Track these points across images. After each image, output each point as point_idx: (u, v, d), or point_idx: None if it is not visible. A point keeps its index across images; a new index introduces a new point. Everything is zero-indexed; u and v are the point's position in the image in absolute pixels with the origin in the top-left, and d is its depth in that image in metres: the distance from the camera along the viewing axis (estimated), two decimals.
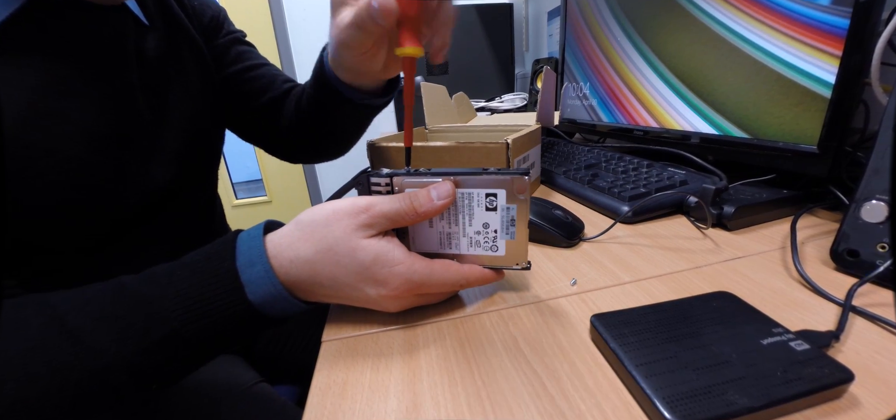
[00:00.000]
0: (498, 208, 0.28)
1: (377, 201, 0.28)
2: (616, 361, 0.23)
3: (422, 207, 0.28)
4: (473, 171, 0.28)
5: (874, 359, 0.23)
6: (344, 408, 0.23)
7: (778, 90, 0.44)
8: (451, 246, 0.31)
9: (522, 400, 0.23)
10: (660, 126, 0.61)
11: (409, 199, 0.28)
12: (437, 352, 0.27)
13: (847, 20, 0.36)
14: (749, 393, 0.20)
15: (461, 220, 0.30)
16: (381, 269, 0.28)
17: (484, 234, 0.30)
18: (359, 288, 0.28)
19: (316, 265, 0.28)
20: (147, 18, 0.43)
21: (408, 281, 0.28)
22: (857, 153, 0.42)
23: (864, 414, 0.20)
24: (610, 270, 0.35)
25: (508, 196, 0.28)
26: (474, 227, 0.30)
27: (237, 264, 0.27)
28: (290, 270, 0.28)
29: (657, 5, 0.58)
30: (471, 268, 0.30)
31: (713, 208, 0.41)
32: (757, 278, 0.32)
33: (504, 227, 0.29)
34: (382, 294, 0.28)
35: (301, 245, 0.28)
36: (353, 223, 0.28)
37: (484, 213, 0.29)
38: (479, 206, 0.29)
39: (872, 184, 0.30)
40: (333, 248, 0.27)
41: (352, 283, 0.28)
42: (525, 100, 1.75)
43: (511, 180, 0.27)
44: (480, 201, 0.29)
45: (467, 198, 0.29)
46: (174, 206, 0.46)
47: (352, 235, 0.27)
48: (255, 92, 0.57)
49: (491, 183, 0.28)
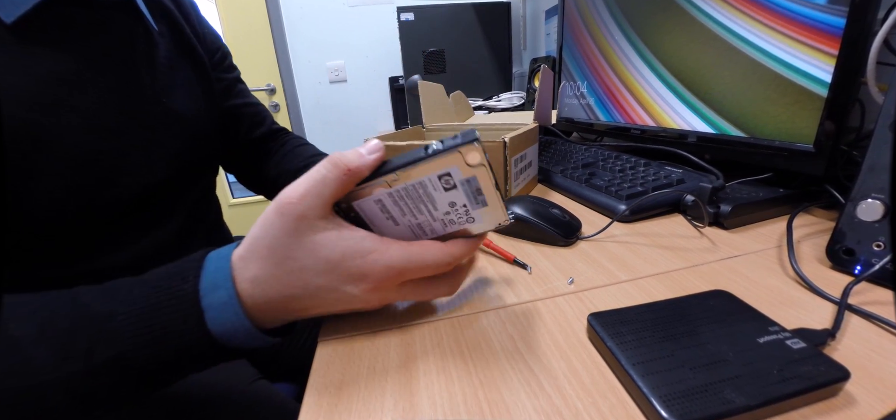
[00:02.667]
0: (457, 185, 0.25)
1: (296, 188, 0.25)
2: (613, 360, 0.23)
3: (352, 163, 0.24)
4: (416, 155, 0.24)
5: (870, 356, 0.23)
6: (340, 408, 0.23)
7: (774, 89, 0.44)
8: (425, 235, 0.28)
9: (519, 399, 0.22)
10: (657, 125, 0.61)
11: (332, 163, 0.25)
12: (433, 351, 0.27)
13: (843, 19, 0.37)
14: (745, 391, 0.20)
15: (425, 208, 0.26)
16: (354, 261, 0.25)
17: (454, 211, 0.26)
18: (337, 289, 0.26)
19: (281, 278, 0.25)
20: (156, 25, 0.46)
21: (387, 267, 0.25)
22: (852, 152, 0.42)
23: (860, 412, 0.20)
24: (607, 269, 0.35)
25: (463, 169, 0.24)
26: (441, 209, 0.26)
27: (199, 286, 0.25)
28: (253, 293, 0.25)
29: (654, 4, 0.58)
30: (453, 243, 0.27)
31: (710, 207, 0.41)
32: (753, 277, 0.32)
33: (471, 198, 0.25)
34: (365, 288, 0.26)
35: (257, 264, 0.25)
36: (287, 222, 0.24)
37: (444, 193, 0.25)
38: (436, 190, 0.25)
39: (868, 182, 0.30)
40: (288, 256, 0.25)
41: (328, 285, 0.25)
42: (522, 98, 1.75)
43: (460, 153, 0.23)
44: (436, 185, 0.25)
45: (421, 186, 0.25)
46: (173, 204, 0.47)
47: (297, 236, 0.24)
48: (252, 125, 0.62)
49: (440, 163, 0.24)
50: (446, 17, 2.00)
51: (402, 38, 2.00)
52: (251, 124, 0.62)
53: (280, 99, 2.33)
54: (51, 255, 0.38)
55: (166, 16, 0.49)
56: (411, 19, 1.97)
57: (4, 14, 0.33)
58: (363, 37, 2.34)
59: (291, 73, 2.32)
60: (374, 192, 0.26)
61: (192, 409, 0.44)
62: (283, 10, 2.19)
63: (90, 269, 0.39)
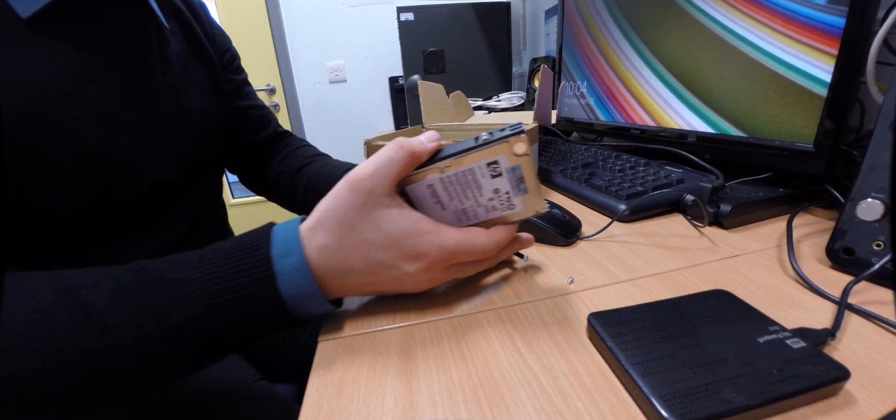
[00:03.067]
0: (503, 173, 0.27)
1: (367, 165, 0.27)
2: (613, 360, 0.23)
3: (416, 147, 0.28)
4: (467, 144, 0.27)
5: (870, 356, 0.23)
6: (341, 407, 0.23)
7: (774, 89, 0.44)
8: (468, 219, 0.30)
9: (519, 398, 0.22)
10: (657, 125, 0.61)
11: (398, 145, 0.27)
12: (434, 351, 0.27)
13: (843, 19, 0.37)
14: (746, 391, 0.20)
15: (471, 194, 0.29)
16: (412, 239, 0.27)
17: (497, 197, 0.29)
18: (395, 266, 0.28)
19: (345, 249, 0.27)
20: (167, 23, 0.47)
21: (441, 248, 0.28)
22: (852, 152, 0.42)
23: (860, 411, 0.20)
24: (607, 269, 0.35)
25: (509, 158, 0.27)
26: (486, 195, 0.29)
27: (271, 253, 0.26)
28: (319, 260, 0.27)
29: (654, 4, 0.58)
30: (496, 229, 0.30)
31: (710, 207, 0.41)
32: (753, 276, 0.32)
33: (514, 186, 0.28)
34: (419, 267, 0.28)
35: (324, 235, 0.27)
36: (357, 197, 0.27)
37: (491, 180, 0.28)
38: (484, 177, 0.28)
39: (868, 182, 0.30)
40: (355, 228, 0.27)
41: (386, 261, 0.28)
42: (522, 98, 1.75)
43: (508, 144, 0.26)
44: (484, 172, 0.28)
45: (470, 173, 0.28)
46: (180, 202, 0.48)
47: (365, 210, 0.27)
48: (258, 127, 0.63)
49: (489, 152, 0.27)
50: (446, 17, 2.00)
51: (402, 38, 2.00)
52: (257, 126, 0.63)
53: (280, 99, 2.33)
54: (57, 248, 0.38)
55: (177, 15, 0.50)
56: (411, 19, 1.97)
57: (21, 8, 0.33)
58: (363, 37, 2.34)
59: (291, 73, 2.32)
60: (428, 177, 0.29)
61: (194, 410, 0.44)
62: (283, 10, 2.19)
63: (95, 264, 0.40)
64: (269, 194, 0.67)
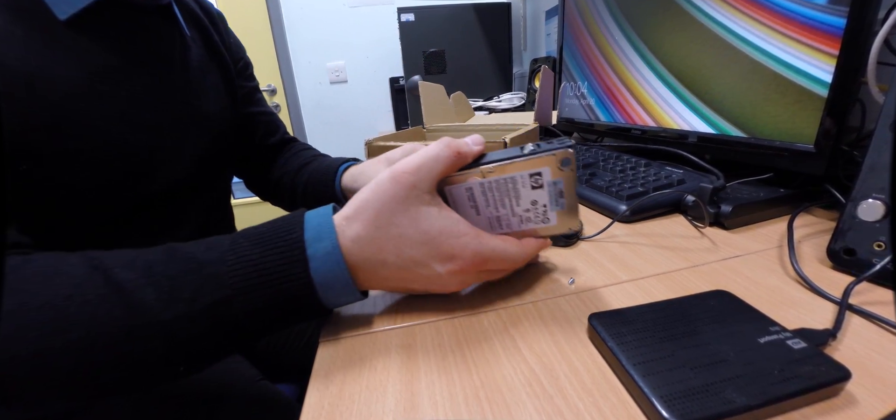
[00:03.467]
0: (545, 185, 0.27)
1: (413, 160, 0.27)
2: (614, 360, 0.23)
3: (462, 147, 0.28)
4: (513, 153, 0.27)
5: (871, 357, 0.23)
6: (342, 408, 0.23)
7: (775, 89, 0.44)
8: (501, 227, 0.30)
9: (520, 399, 0.22)
10: (657, 125, 0.61)
11: (444, 144, 0.28)
12: (434, 351, 0.27)
13: (843, 19, 0.37)
14: (746, 391, 0.20)
15: (508, 202, 0.29)
16: (449, 239, 0.27)
17: (534, 209, 0.29)
18: (427, 264, 0.28)
19: (380, 240, 0.27)
20: (188, 31, 0.50)
21: (476, 253, 0.28)
22: (853, 152, 0.42)
23: (861, 412, 0.20)
24: (608, 269, 0.35)
25: (553, 171, 0.27)
26: (523, 206, 0.29)
27: (304, 237, 0.26)
28: (352, 249, 0.27)
29: (655, 4, 0.58)
30: (529, 241, 0.30)
31: (711, 207, 0.41)
32: (754, 277, 0.32)
33: (553, 200, 0.28)
34: (451, 269, 0.28)
35: (360, 225, 0.27)
36: (399, 189, 0.27)
37: (531, 191, 0.28)
38: (524, 187, 0.28)
39: (869, 182, 0.30)
40: (392, 221, 0.27)
41: (419, 258, 0.27)
42: (523, 99, 1.75)
43: (555, 157, 0.26)
44: (525, 182, 0.28)
45: (511, 181, 0.28)
46: (192, 200, 0.50)
47: (406, 203, 0.27)
48: (267, 133, 0.65)
49: (535, 163, 0.27)
50: (446, 17, 2.00)
51: (403, 38, 2.00)
52: (266, 132, 0.65)
53: (280, 99, 2.33)
54: (74, 241, 0.39)
55: (197, 22, 0.53)
56: (411, 20, 1.97)
57: (59, 11, 0.36)
58: (363, 37, 2.34)
59: (292, 73, 2.32)
60: (469, 179, 0.29)
61: (195, 410, 0.44)
62: (283, 10, 2.20)
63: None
64: (272, 196, 0.68)
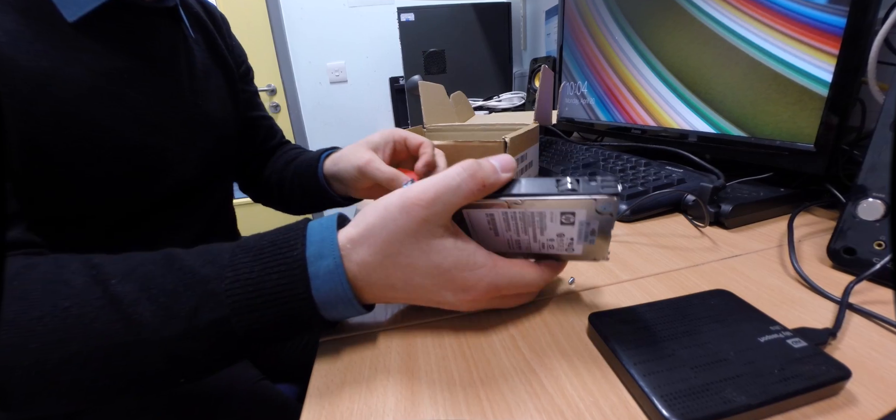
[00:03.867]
0: (576, 223, 0.25)
1: (434, 188, 0.25)
2: (614, 360, 0.23)
3: (488, 179, 0.25)
4: (548, 188, 0.24)
5: (871, 356, 0.23)
6: (342, 407, 0.23)
7: (775, 89, 0.44)
8: (519, 250, 0.28)
9: (520, 398, 0.23)
10: (657, 125, 0.61)
11: (469, 174, 0.24)
12: (435, 351, 0.27)
13: (844, 19, 0.37)
14: (747, 390, 0.20)
15: (532, 231, 0.26)
16: (463, 273, 0.26)
17: (558, 240, 0.26)
18: (437, 292, 0.26)
19: (387, 268, 0.25)
20: (193, 33, 0.50)
21: (492, 285, 0.26)
22: (853, 151, 0.42)
23: (861, 411, 0.20)
24: (608, 269, 0.35)
25: (590, 214, 0.24)
26: (548, 236, 0.26)
27: (306, 254, 0.25)
28: (358, 274, 0.25)
29: (655, 4, 0.58)
30: (548, 266, 0.28)
31: (711, 206, 0.41)
32: (754, 276, 0.32)
33: (583, 236, 0.26)
34: (463, 299, 0.26)
35: (367, 250, 0.25)
36: (410, 223, 0.25)
37: (559, 226, 0.25)
38: (552, 222, 0.25)
39: (869, 181, 0.30)
40: (403, 251, 0.25)
41: (429, 287, 0.26)
42: (523, 98, 1.75)
43: (595, 202, 0.23)
44: (555, 217, 0.25)
45: (539, 216, 0.25)
46: (197, 199, 0.50)
47: (417, 238, 0.25)
48: (266, 137, 0.66)
49: (570, 204, 0.24)
50: (446, 17, 2.01)
51: (403, 38, 2.00)
52: (266, 136, 0.66)
53: (280, 99, 2.33)
54: (80, 241, 0.40)
55: (201, 25, 0.54)
56: (411, 20, 1.97)
57: (68, 13, 0.36)
58: (363, 37, 2.34)
59: (292, 73, 2.32)
60: (492, 208, 0.26)
61: (195, 410, 0.44)
62: (283, 10, 2.20)
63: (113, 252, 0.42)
64: (264, 196, 0.69)
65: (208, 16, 0.56)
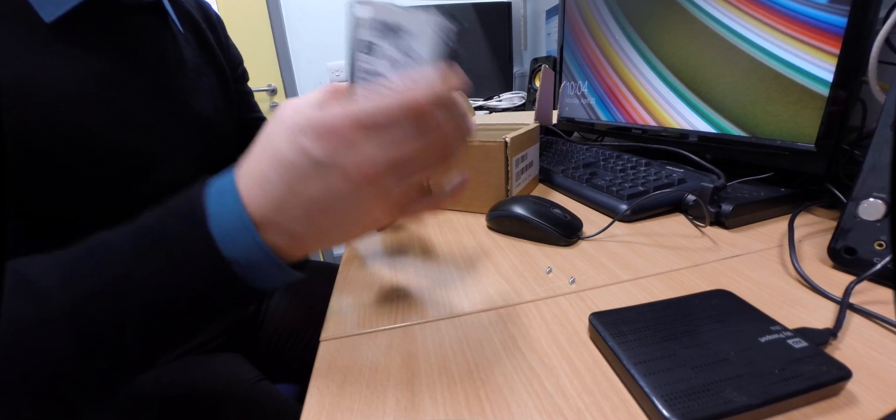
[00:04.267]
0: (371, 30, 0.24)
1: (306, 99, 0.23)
2: (615, 360, 0.23)
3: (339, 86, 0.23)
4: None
5: (871, 356, 0.23)
6: (342, 407, 0.23)
7: (776, 88, 0.44)
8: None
9: (521, 398, 0.23)
10: (658, 124, 0.61)
11: (322, 88, 0.23)
12: (435, 351, 0.27)
13: (845, 18, 0.37)
14: (747, 391, 0.20)
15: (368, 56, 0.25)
16: (318, 125, 0.21)
17: (395, 64, 0.25)
18: (322, 174, 0.21)
19: (274, 175, 0.22)
20: (182, 29, 0.49)
21: (349, 116, 0.21)
22: (854, 151, 0.42)
23: (862, 411, 0.20)
24: (608, 269, 0.35)
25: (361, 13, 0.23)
26: (385, 64, 0.25)
27: (205, 192, 0.23)
28: (261, 201, 0.22)
29: (655, 3, 0.58)
30: (407, 76, 0.24)
31: (711, 206, 0.41)
32: (755, 276, 0.32)
33: (400, 51, 0.25)
34: (345, 165, 0.21)
35: (254, 163, 0.23)
36: (282, 124, 0.22)
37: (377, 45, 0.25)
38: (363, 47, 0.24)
39: (869, 182, 0.30)
40: (273, 143, 0.22)
41: (308, 164, 0.21)
42: (523, 98, 1.75)
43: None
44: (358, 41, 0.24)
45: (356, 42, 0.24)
46: None
47: (290, 131, 0.22)
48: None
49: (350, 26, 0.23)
50: (446, 17, 2.00)
51: None
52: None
53: (281, 99, 2.33)
54: (63, 242, 0.38)
55: (192, 23, 0.52)
56: None
57: (45, 13, 0.35)
58: None
59: (292, 73, 2.32)
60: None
61: (194, 410, 0.44)
62: (283, 10, 2.19)
63: None
64: None
65: (202, 14, 0.55)
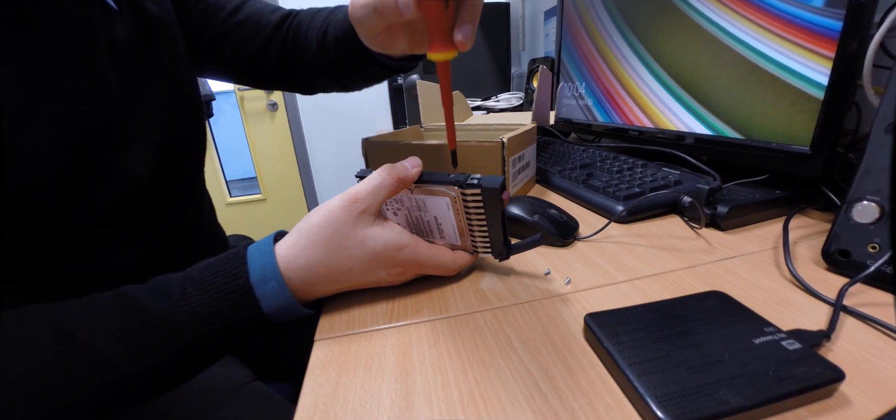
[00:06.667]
0: (451, 210, 0.32)
1: (362, 188, 0.31)
2: (609, 360, 0.23)
3: (402, 174, 0.32)
4: (442, 176, 0.31)
5: (864, 358, 0.23)
6: (336, 407, 0.23)
7: (771, 91, 0.44)
8: (430, 232, 0.35)
9: (516, 399, 0.22)
10: (655, 126, 0.61)
11: (387, 172, 0.31)
12: (430, 351, 0.27)
13: (840, 22, 0.37)
14: (741, 392, 0.20)
15: (429, 215, 0.34)
16: (391, 253, 0.31)
17: (448, 227, 0.34)
18: (372, 273, 0.32)
19: (330, 264, 0.30)
20: (115, 3, 0.40)
21: (415, 261, 0.32)
22: (849, 154, 0.42)
23: (855, 412, 0.20)
24: (604, 269, 0.35)
25: (454, 202, 0.31)
26: (440, 220, 0.34)
27: (251, 280, 0.29)
28: (304, 277, 0.30)
29: (653, 6, 0.58)
30: (460, 254, 0.35)
31: (707, 208, 0.41)
32: (749, 278, 0.32)
33: (456, 224, 0.33)
34: (393, 273, 0.33)
35: (311, 251, 0.30)
36: (351, 216, 0.31)
37: (445, 210, 0.33)
38: (437, 207, 0.33)
39: (864, 184, 0.30)
40: (343, 244, 0.30)
41: (366, 270, 0.32)
42: (521, 99, 1.75)
43: (456, 191, 0.31)
44: (439, 203, 0.32)
45: (424, 199, 0.33)
46: (159, 202, 0.44)
47: (355, 227, 0.31)
48: (248, 37, 0.55)
49: (440, 191, 0.32)
50: None
51: None
52: (244, 39, 0.55)
53: (278, 98, 2.33)
54: (36, 263, 0.35)
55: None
56: None
57: None
58: None
59: None
60: (403, 194, 0.33)
61: (188, 411, 0.44)
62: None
63: (79, 278, 0.38)
64: (325, 88, 0.63)
65: None
